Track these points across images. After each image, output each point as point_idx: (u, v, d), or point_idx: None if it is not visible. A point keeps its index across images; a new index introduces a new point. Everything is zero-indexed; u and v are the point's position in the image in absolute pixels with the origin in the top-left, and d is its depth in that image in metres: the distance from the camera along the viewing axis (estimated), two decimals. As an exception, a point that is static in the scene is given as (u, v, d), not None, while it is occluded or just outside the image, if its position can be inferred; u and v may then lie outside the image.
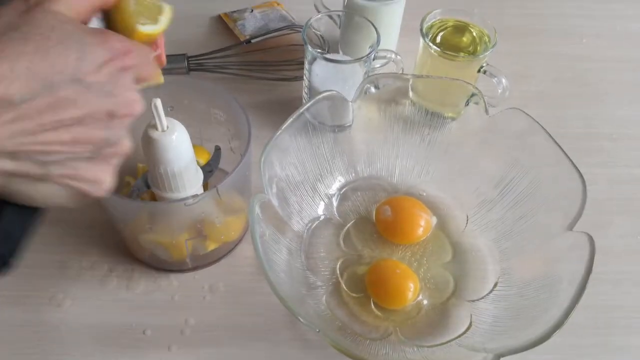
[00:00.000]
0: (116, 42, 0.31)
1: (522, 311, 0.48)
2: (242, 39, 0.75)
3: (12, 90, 0.27)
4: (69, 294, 0.53)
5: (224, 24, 0.78)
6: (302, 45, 0.61)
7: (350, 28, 0.68)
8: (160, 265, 0.55)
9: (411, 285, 0.52)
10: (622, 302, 0.55)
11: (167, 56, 0.71)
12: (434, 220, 0.57)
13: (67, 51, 0.29)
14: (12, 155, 0.29)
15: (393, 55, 0.64)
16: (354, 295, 0.53)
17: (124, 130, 0.33)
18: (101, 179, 0.33)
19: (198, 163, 0.50)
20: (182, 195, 0.47)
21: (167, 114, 0.43)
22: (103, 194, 0.34)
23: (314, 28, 0.66)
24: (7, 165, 0.29)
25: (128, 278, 0.54)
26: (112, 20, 0.35)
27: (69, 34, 0.29)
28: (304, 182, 0.57)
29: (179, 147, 0.45)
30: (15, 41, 0.28)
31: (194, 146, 0.53)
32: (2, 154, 0.28)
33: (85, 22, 0.33)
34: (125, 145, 0.33)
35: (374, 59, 0.62)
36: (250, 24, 0.77)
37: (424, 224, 0.56)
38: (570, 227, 0.48)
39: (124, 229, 0.53)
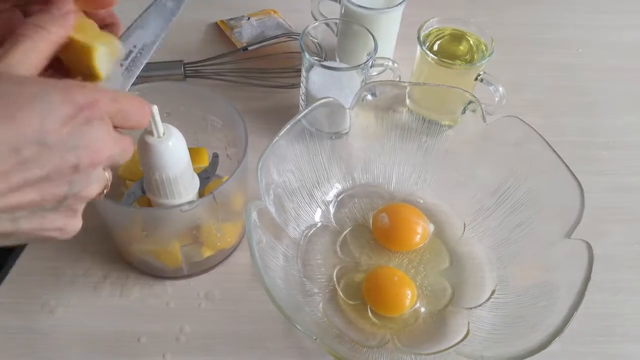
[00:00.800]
0: (79, 96, 0.31)
1: (520, 319, 0.48)
2: (238, 46, 0.75)
3: None
4: (62, 301, 0.53)
5: (220, 31, 0.78)
6: (299, 52, 0.61)
7: (347, 36, 0.68)
8: (155, 272, 0.54)
9: (408, 292, 0.52)
10: (620, 310, 0.54)
11: (164, 62, 0.71)
12: (431, 227, 0.57)
13: (32, 114, 0.29)
14: None
15: (390, 63, 0.64)
16: (351, 302, 0.52)
17: (90, 179, 0.33)
18: (67, 225, 0.33)
19: (199, 167, 0.50)
20: (178, 201, 0.47)
21: (163, 120, 0.43)
22: (70, 237, 0.34)
23: (311, 36, 0.66)
24: None
25: (122, 285, 0.54)
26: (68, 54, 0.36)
27: (32, 95, 0.29)
28: (301, 189, 0.57)
29: (175, 154, 0.44)
30: None
31: (196, 148, 0.53)
32: None
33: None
34: (92, 190, 0.33)
35: (371, 67, 0.62)
36: (247, 32, 0.77)
37: (421, 231, 0.56)
38: (568, 235, 0.48)
39: (118, 235, 0.53)
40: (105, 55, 0.36)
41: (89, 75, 0.37)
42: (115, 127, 0.34)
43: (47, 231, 0.33)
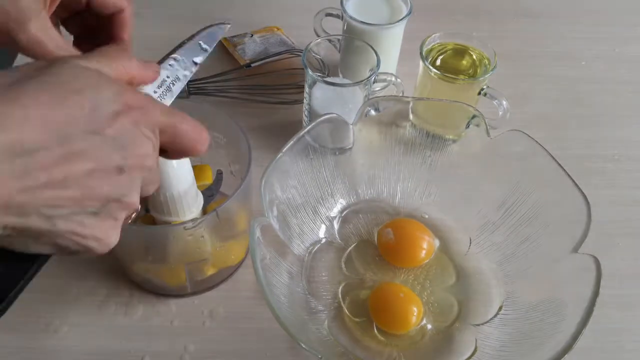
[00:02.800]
0: (131, 97, 0.31)
1: (528, 335, 0.47)
2: (242, 63, 0.75)
3: (26, 138, 0.26)
4: (66, 320, 0.52)
5: (224, 48, 0.79)
6: (302, 69, 0.62)
7: (350, 52, 0.68)
8: (159, 290, 0.54)
9: (415, 309, 0.51)
10: (629, 325, 0.54)
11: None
12: (436, 243, 0.57)
13: (83, 101, 0.28)
14: (19, 210, 0.27)
15: (393, 79, 0.64)
16: (356, 319, 0.52)
17: (133, 186, 0.31)
18: (106, 236, 0.31)
19: (204, 184, 0.50)
20: (182, 219, 0.47)
21: (167, 138, 0.43)
22: (106, 251, 0.32)
23: (313, 52, 0.66)
24: (13, 220, 0.27)
25: (126, 303, 0.54)
26: None
27: (86, 83, 0.29)
28: (305, 205, 0.57)
29: (179, 172, 0.44)
30: (31, 89, 0.27)
31: (200, 165, 0.53)
32: (9, 209, 0.26)
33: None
34: (134, 201, 0.32)
35: (374, 82, 0.62)
36: (250, 49, 0.77)
37: (426, 246, 0.56)
38: (575, 250, 0.47)
39: (122, 254, 0.52)
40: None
41: None
42: (163, 149, 0.33)
43: (84, 239, 0.30)
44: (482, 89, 0.63)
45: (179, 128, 0.33)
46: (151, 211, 0.48)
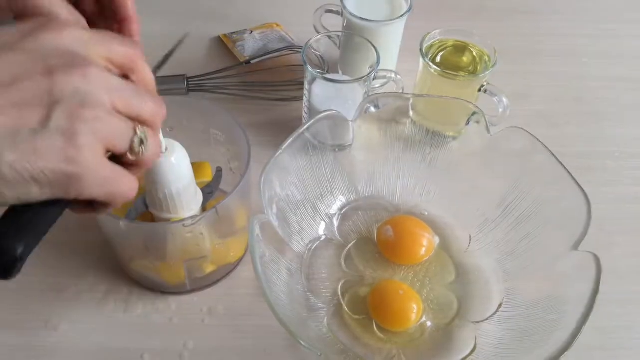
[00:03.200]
0: (39, 21, 0.30)
1: (527, 333, 0.47)
2: (241, 60, 0.75)
3: None
4: (66, 317, 0.52)
5: (223, 45, 0.79)
6: (302, 65, 0.61)
7: (349, 48, 0.68)
8: (158, 287, 0.54)
9: (414, 306, 0.51)
10: (629, 323, 0.54)
11: (167, 77, 0.71)
12: (436, 240, 0.56)
13: None
14: None
15: (393, 75, 0.64)
16: (356, 317, 0.52)
17: (76, 87, 0.28)
18: (69, 152, 0.28)
19: (203, 182, 0.50)
20: (181, 216, 0.47)
21: (166, 135, 0.43)
22: (81, 173, 0.28)
23: (313, 49, 0.66)
24: None
25: (126, 301, 0.53)
26: None
27: None
28: (305, 202, 0.57)
29: (178, 169, 0.44)
30: None
31: (199, 163, 0.53)
32: None
33: None
34: (86, 106, 0.28)
35: (374, 79, 0.62)
36: (249, 45, 0.77)
37: (426, 244, 0.55)
38: (575, 247, 0.47)
39: (121, 251, 0.52)
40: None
41: None
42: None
43: (46, 158, 0.27)
44: (482, 86, 0.62)
45: (104, 32, 0.32)
46: (150, 208, 0.48)
